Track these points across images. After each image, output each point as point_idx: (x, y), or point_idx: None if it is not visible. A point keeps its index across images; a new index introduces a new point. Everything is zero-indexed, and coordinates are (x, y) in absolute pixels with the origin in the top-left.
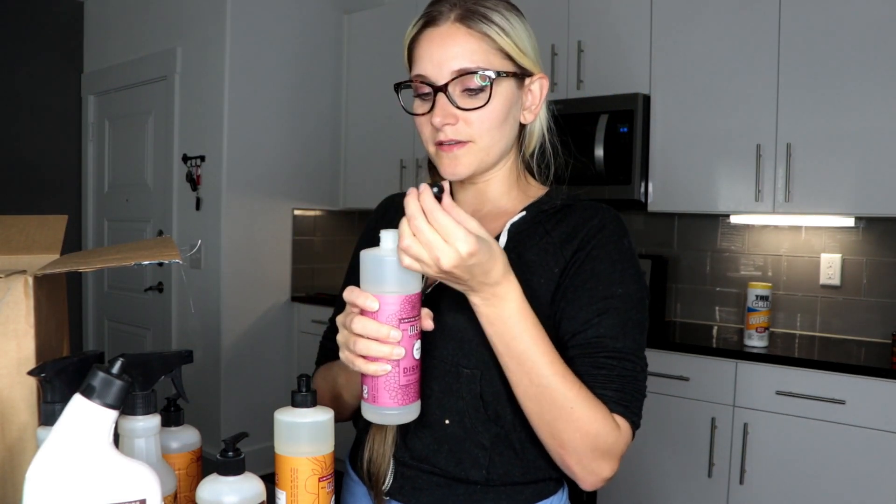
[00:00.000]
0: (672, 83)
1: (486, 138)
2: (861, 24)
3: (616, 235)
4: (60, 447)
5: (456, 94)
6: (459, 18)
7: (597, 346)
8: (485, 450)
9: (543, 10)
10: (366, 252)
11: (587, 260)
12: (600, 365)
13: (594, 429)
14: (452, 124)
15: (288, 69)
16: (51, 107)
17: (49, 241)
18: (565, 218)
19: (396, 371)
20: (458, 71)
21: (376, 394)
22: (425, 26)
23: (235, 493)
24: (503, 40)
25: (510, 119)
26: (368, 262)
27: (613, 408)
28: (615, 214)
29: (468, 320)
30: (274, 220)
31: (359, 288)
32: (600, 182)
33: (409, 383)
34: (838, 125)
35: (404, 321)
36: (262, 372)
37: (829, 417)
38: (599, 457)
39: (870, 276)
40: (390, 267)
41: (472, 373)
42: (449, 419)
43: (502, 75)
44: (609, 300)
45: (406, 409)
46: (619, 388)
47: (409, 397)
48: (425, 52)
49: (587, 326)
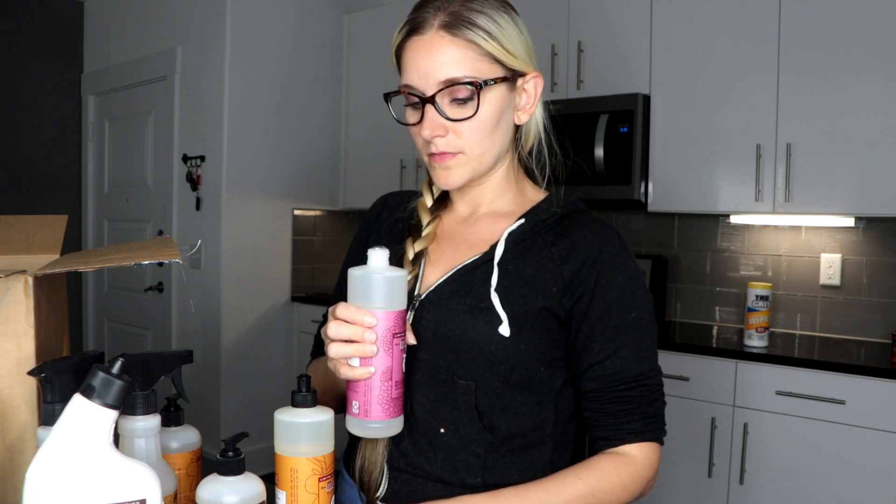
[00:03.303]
0: (672, 83)
1: (478, 148)
2: (861, 24)
3: (620, 259)
4: (60, 447)
5: (444, 104)
6: (444, 26)
7: (616, 379)
8: (479, 458)
9: (543, 10)
10: (354, 270)
11: (596, 288)
12: (621, 399)
13: (625, 498)
14: (442, 136)
15: (288, 69)
16: (51, 107)
17: (49, 241)
18: (566, 233)
19: (389, 384)
20: (445, 82)
21: (368, 407)
22: (410, 34)
23: (235, 493)
24: (490, 45)
25: (502, 124)
26: (357, 280)
27: (641, 438)
28: (615, 234)
29: (463, 332)
30: (274, 220)
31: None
32: (600, 182)
33: (399, 396)
34: (838, 125)
35: (396, 336)
36: (262, 372)
37: (829, 417)
38: (640, 493)
39: (870, 276)
40: (379, 284)
41: (467, 384)
42: (444, 428)
43: (490, 83)
44: (623, 329)
45: (395, 422)
46: (641, 416)
47: (398, 410)
48: (411, 62)
49: (604, 358)
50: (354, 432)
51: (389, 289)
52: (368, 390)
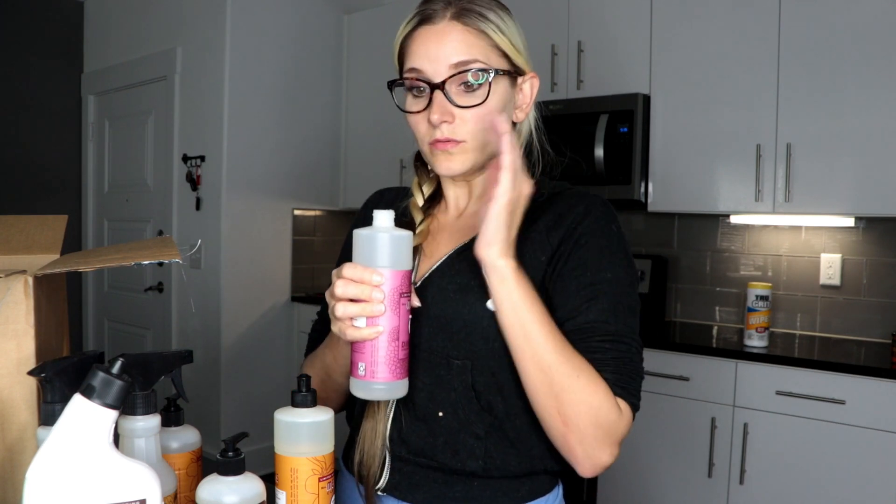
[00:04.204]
0: (672, 83)
1: (481, 137)
2: (861, 23)
3: (602, 221)
4: (60, 447)
5: (453, 91)
6: (455, 16)
7: (589, 332)
8: (480, 440)
9: (543, 10)
10: (360, 230)
11: (575, 248)
12: (594, 349)
13: (597, 401)
14: (450, 122)
15: (288, 69)
16: (51, 107)
17: (49, 241)
18: (551, 206)
19: (396, 344)
20: (457, 65)
21: (375, 368)
22: (420, 24)
23: (235, 493)
24: (499, 38)
25: (504, 117)
26: (363, 239)
27: (613, 390)
28: (602, 201)
29: (457, 311)
30: (274, 220)
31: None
32: (600, 182)
33: (405, 358)
34: (838, 125)
35: (403, 295)
36: (262, 372)
37: (829, 417)
38: (602, 436)
39: (870, 276)
40: (385, 243)
41: (462, 363)
42: (442, 411)
43: (500, 73)
44: (597, 286)
45: (401, 384)
46: (615, 369)
47: (404, 371)
48: (421, 48)
49: (577, 313)
50: (360, 395)
51: (396, 248)
52: (375, 351)
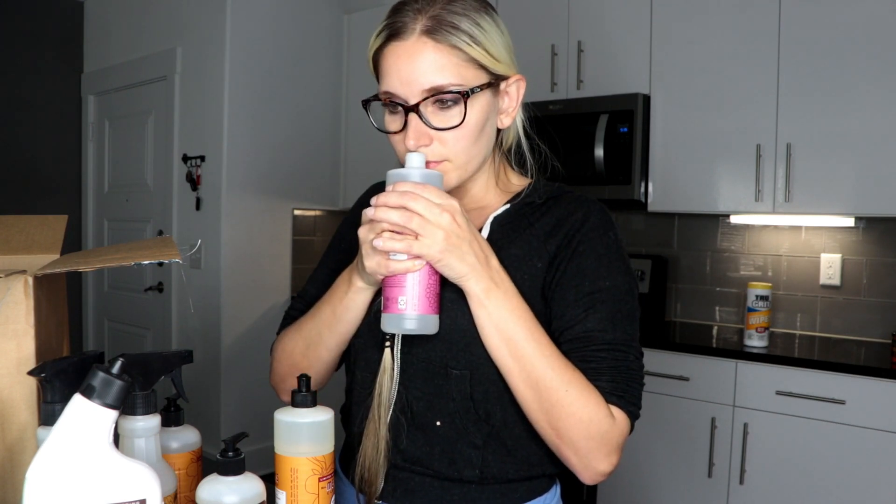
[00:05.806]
0: (672, 83)
1: (463, 156)
2: (861, 24)
3: (601, 229)
4: (60, 447)
5: (428, 111)
6: (426, 31)
7: (586, 341)
8: (477, 449)
9: (543, 10)
10: (392, 171)
11: (573, 256)
12: (590, 358)
13: (587, 414)
14: (427, 145)
15: (288, 69)
16: (51, 107)
17: (49, 241)
18: (549, 210)
19: (436, 277)
20: (430, 90)
21: (417, 301)
22: (389, 39)
23: (235, 493)
24: (474, 50)
25: (487, 129)
26: (397, 178)
27: (608, 398)
28: (600, 207)
29: (454, 322)
30: (274, 220)
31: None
32: (600, 182)
33: (440, 294)
34: (838, 125)
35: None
36: (262, 372)
37: (829, 417)
38: (595, 447)
39: (870, 276)
40: (420, 179)
41: (461, 374)
42: (440, 421)
43: (476, 91)
44: (595, 294)
45: (437, 318)
46: (611, 378)
47: (440, 307)
48: (392, 69)
49: (575, 323)
50: (401, 329)
51: (436, 183)
52: (416, 283)
